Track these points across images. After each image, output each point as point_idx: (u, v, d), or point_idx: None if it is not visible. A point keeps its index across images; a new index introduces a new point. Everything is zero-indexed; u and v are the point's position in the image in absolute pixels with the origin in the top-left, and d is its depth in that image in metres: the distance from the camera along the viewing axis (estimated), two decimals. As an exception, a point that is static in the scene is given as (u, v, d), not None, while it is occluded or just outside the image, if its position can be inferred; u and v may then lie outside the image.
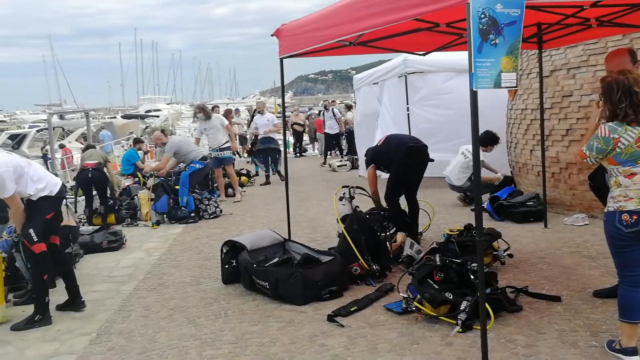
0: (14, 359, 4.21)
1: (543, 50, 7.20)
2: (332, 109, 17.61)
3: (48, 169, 12.77)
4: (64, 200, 5.34)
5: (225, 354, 4.04)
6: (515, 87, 3.35)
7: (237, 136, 16.45)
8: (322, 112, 17.74)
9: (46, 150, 19.49)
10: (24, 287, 5.75)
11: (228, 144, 10.82)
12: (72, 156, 19.43)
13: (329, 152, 17.87)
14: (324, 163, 16.48)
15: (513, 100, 9.01)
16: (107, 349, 4.27)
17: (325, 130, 17.29)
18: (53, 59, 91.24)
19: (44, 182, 4.91)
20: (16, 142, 23.09)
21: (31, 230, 4.80)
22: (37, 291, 4.97)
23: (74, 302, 5.20)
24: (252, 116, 15.65)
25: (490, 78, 3.22)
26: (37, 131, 25.05)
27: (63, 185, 5.16)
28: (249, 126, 16.41)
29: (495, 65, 3.22)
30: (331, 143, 17.45)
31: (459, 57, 8.66)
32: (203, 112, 10.78)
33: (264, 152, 13.23)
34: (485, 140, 8.55)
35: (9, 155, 4.87)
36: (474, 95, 3.22)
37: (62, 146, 20.73)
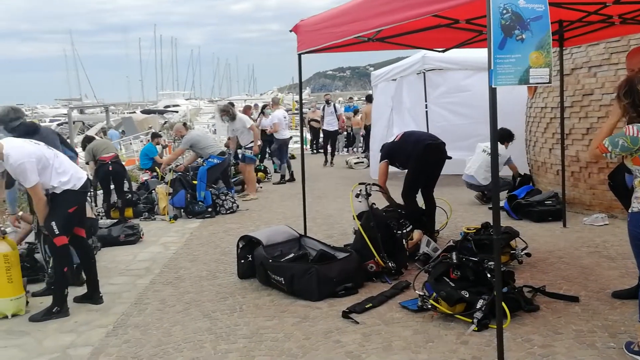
0: (32, 350, 4.26)
1: (564, 48, 7.12)
2: (334, 104, 16.84)
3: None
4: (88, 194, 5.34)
5: (240, 349, 4.05)
6: (549, 82, 3.27)
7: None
8: (323, 106, 16.65)
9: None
10: (42, 278, 5.82)
11: (251, 144, 10.84)
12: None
13: (328, 150, 16.32)
14: (326, 162, 15.70)
15: (533, 98, 8.92)
16: (123, 342, 4.30)
17: (324, 127, 16.35)
18: (74, 54, 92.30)
19: (68, 175, 4.91)
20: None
21: (53, 223, 4.81)
22: (57, 283, 4.98)
23: (92, 297, 5.24)
24: (261, 112, 15.21)
25: (515, 74, 3.17)
26: (58, 125, 25.33)
27: (88, 180, 5.17)
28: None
29: (521, 61, 3.16)
30: (327, 141, 16.32)
31: (479, 55, 8.61)
32: (227, 114, 10.81)
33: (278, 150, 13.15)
34: (501, 137, 8.52)
35: (35, 146, 4.85)
36: (492, 93, 3.19)
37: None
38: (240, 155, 10.99)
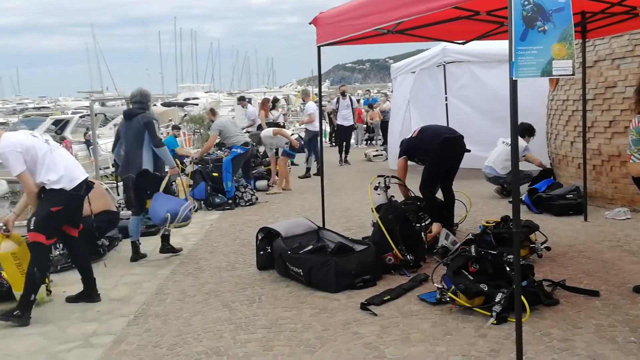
0: (56, 338, 4.34)
1: (587, 40, 7.03)
2: (350, 96, 15.04)
3: (90, 155, 13.03)
4: (86, 196, 5.02)
5: (259, 339, 4.09)
6: (572, 74, 3.24)
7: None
8: (337, 99, 14.96)
9: (89, 136, 19.89)
10: (65, 268, 5.93)
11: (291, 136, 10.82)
12: (72, 149, 19.76)
13: (344, 147, 14.64)
14: (342, 161, 14.39)
15: (554, 91, 8.83)
16: (144, 331, 4.37)
17: (338, 122, 14.62)
18: (95, 47, 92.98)
19: (57, 174, 4.71)
20: (59, 127, 23.61)
21: (33, 218, 4.68)
22: (25, 284, 4.68)
23: (90, 294, 5.11)
24: (273, 106, 14.99)
25: (537, 66, 3.14)
26: (80, 117, 25.58)
27: (84, 182, 4.90)
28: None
29: (544, 53, 3.13)
30: (342, 137, 14.61)
31: (500, 47, 8.54)
32: (271, 103, 10.90)
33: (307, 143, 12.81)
34: (522, 131, 8.47)
35: (28, 137, 4.74)
36: (513, 85, 3.17)
37: (63, 139, 21.04)
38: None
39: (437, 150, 6.25)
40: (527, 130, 8.71)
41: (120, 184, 9.72)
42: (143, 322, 4.55)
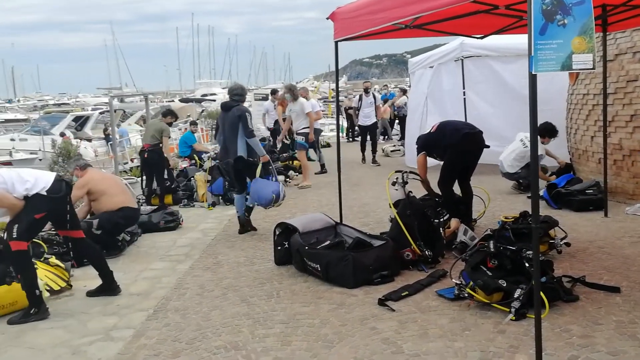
0: (77, 331, 4.40)
1: (608, 33, 6.94)
2: (373, 92, 14.15)
3: (109, 150, 13.14)
4: (65, 199, 4.94)
5: (277, 334, 4.11)
6: (593, 68, 3.20)
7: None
8: (360, 95, 13.91)
9: (108, 132, 20.08)
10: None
11: (304, 130, 10.82)
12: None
13: (367, 148, 13.70)
14: (364, 159, 13.63)
15: (574, 85, 8.73)
16: (163, 325, 4.41)
17: (359, 122, 13.79)
18: (114, 43, 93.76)
19: (31, 180, 4.72)
20: (79, 123, 23.87)
21: (15, 226, 4.64)
22: (23, 287, 4.72)
23: (110, 287, 5.18)
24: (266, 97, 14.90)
25: (556, 60, 3.10)
26: (100, 113, 25.84)
27: (61, 182, 4.88)
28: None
29: (563, 47, 3.10)
30: (365, 137, 13.65)
31: (519, 41, 8.46)
32: (291, 93, 10.86)
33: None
34: (543, 131, 8.28)
35: None
36: (532, 79, 3.14)
37: (62, 134, 21.22)
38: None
39: (457, 146, 6.22)
40: (547, 132, 8.36)
41: (140, 179, 9.89)
42: (162, 316, 4.60)
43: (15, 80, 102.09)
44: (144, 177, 9.71)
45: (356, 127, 20.51)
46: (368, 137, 13.50)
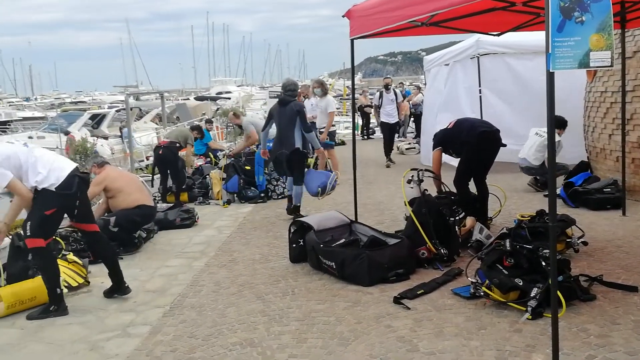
0: (94, 327, 4.45)
1: (626, 30, 6.86)
2: (394, 89, 13.60)
3: (125, 149, 13.27)
4: (77, 195, 4.80)
5: (293, 331, 4.13)
6: (611, 65, 3.17)
7: None
8: (381, 92, 13.39)
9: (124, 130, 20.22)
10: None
11: (322, 128, 10.78)
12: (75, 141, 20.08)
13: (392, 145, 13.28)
14: (389, 161, 12.88)
15: (592, 82, 8.65)
16: (180, 322, 4.44)
17: (382, 119, 13.19)
18: (130, 42, 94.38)
19: (42, 174, 4.61)
20: (96, 121, 24.08)
21: (28, 224, 4.62)
22: (45, 283, 4.73)
23: (119, 288, 5.10)
24: None
25: (574, 58, 3.08)
26: (116, 111, 26.04)
27: (70, 178, 4.69)
28: None
29: (581, 44, 3.07)
30: (387, 135, 13.11)
31: (536, 38, 8.39)
32: (321, 88, 10.84)
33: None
34: (557, 124, 8.29)
35: (4, 146, 4.73)
36: (550, 77, 3.12)
37: (66, 132, 21.39)
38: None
39: (474, 144, 6.19)
40: (560, 124, 8.40)
41: (157, 177, 9.97)
42: (178, 313, 4.63)
43: (33, 78, 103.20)
44: (158, 174, 9.78)
45: (371, 126, 20.54)
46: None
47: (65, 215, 5.52)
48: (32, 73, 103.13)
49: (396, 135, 18.32)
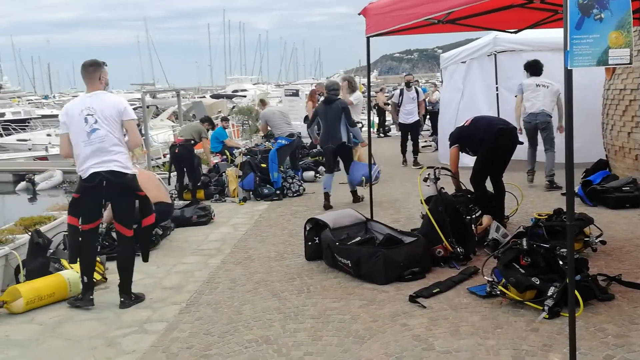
0: (112, 323, 4.50)
1: (646, 27, 6.78)
2: (416, 87, 12.99)
3: (142, 146, 13.43)
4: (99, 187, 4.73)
5: (308, 328, 4.13)
6: (630, 63, 3.14)
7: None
8: (401, 90, 12.64)
9: (141, 127, 20.36)
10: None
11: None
12: None
13: (409, 148, 12.61)
14: (405, 161, 12.54)
15: (610, 80, 8.55)
16: (196, 319, 4.47)
17: (400, 120, 12.57)
18: (147, 40, 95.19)
19: (78, 160, 4.71)
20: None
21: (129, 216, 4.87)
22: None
23: (123, 290, 4.91)
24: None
25: (592, 55, 3.05)
26: (133, 109, 26.22)
27: (94, 175, 4.65)
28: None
29: (600, 42, 3.04)
30: (406, 136, 12.53)
31: (553, 35, 8.31)
32: (350, 85, 10.84)
33: None
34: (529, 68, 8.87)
35: (71, 106, 4.84)
36: (568, 75, 3.09)
37: None
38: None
39: (491, 141, 6.15)
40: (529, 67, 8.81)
41: (174, 174, 10.06)
42: (195, 310, 4.66)
43: (52, 76, 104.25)
44: (175, 172, 9.86)
45: (387, 124, 20.48)
46: (409, 137, 12.40)
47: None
48: (51, 71, 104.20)
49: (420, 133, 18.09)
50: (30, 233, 5.50)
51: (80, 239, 4.80)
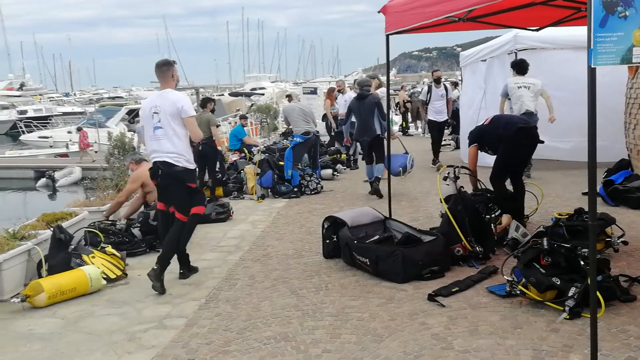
0: (132, 318, 4.54)
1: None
2: (445, 84, 12.39)
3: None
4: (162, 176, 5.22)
5: (326, 326, 4.14)
6: None
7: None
8: (429, 87, 12.08)
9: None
10: (141, 252, 6.22)
11: None
12: (88, 138, 20.51)
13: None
14: (436, 162, 11.75)
15: (633, 78, 8.43)
16: (215, 315, 4.50)
17: (430, 117, 11.90)
18: (167, 37, 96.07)
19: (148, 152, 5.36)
20: (132, 117, 24.49)
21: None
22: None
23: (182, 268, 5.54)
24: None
25: (616, 54, 3.01)
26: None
27: (154, 165, 5.20)
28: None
29: (624, 40, 3.00)
30: (436, 136, 11.94)
31: (575, 33, 8.22)
32: (378, 82, 10.91)
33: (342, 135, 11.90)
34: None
35: (147, 102, 5.41)
36: (592, 73, 3.06)
37: (79, 129, 21.72)
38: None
39: (511, 140, 6.10)
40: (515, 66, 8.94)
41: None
42: (214, 306, 4.69)
43: (72, 74, 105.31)
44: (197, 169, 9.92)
45: (410, 122, 20.38)
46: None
47: (99, 208, 5.84)
48: (72, 69, 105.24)
49: (423, 132, 18.02)
50: (52, 229, 5.58)
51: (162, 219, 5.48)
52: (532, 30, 6.94)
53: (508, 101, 9.02)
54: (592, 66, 3.04)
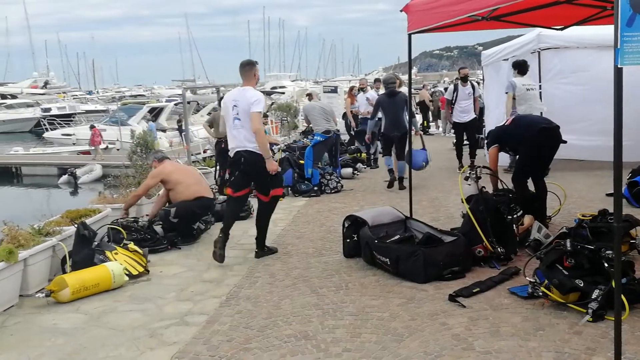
0: (154, 315, 4.59)
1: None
2: (472, 81, 11.66)
3: (182, 141, 13.65)
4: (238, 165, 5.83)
5: (347, 325, 4.14)
6: None
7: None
8: (456, 85, 11.39)
9: (181, 123, 20.68)
10: (162, 249, 6.28)
11: None
12: (101, 137, 20.65)
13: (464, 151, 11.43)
14: (461, 166, 10.71)
15: (660, 78, 8.29)
16: (236, 312, 4.52)
17: (455, 119, 11.31)
18: (189, 36, 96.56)
19: (228, 141, 5.95)
20: (154, 114, 24.72)
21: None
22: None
23: (259, 246, 6.13)
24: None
25: None
26: (175, 105, 26.64)
27: (235, 154, 5.79)
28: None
29: None
30: (461, 137, 11.33)
31: (601, 32, 8.11)
32: (400, 81, 10.94)
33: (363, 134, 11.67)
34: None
35: (227, 96, 5.98)
36: (618, 73, 3.02)
37: (92, 127, 21.89)
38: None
39: (533, 140, 6.05)
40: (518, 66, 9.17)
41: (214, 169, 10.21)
42: (235, 303, 4.72)
43: (96, 72, 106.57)
44: (218, 167, 10.01)
45: (430, 121, 20.28)
46: (465, 137, 11.23)
47: (118, 206, 5.98)
48: (95, 67, 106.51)
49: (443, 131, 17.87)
50: (76, 225, 5.65)
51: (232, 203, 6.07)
52: (557, 29, 6.86)
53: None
54: (619, 66, 3.00)
